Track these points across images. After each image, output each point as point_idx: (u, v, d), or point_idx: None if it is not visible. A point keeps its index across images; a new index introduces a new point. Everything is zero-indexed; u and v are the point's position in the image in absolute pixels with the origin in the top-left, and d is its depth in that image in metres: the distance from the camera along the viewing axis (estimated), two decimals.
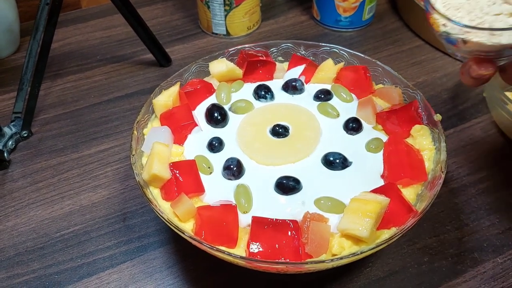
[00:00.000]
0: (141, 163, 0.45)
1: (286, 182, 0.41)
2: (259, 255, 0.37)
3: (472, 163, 0.56)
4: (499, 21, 0.37)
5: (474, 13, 0.37)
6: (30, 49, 0.60)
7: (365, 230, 0.36)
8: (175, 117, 0.47)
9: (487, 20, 0.37)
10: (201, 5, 0.75)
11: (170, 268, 0.47)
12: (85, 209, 0.53)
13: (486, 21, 0.37)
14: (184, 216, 0.40)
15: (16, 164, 0.59)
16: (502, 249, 0.48)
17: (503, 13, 0.37)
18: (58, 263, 0.48)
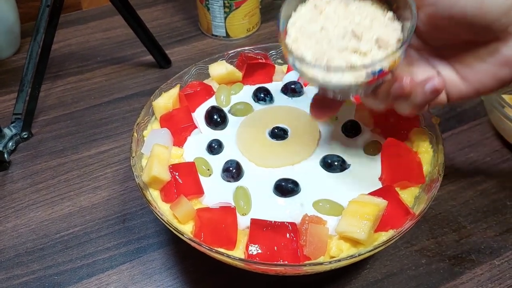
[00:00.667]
0: (141, 165, 0.45)
1: (284, 184, 0.42)
2: (257, 257, 0.37)
3: (470, 166, 0.56)
4: (340, 58, 0.35)
5: (321, 44, 0.36)
6: (31, 50, 0.61)
7: (363, 233, 0.37)
8: (175, 119, 0.47)
9: (328, 55, 0.35)
10: (201, 7, 0.76)
11: (170, 269, 0.48)
12: (85, 211, 0.53)
13: (327, 57, 0.35)
14: (183, 218, 0.40)
15: (16, 165, 0.59)
16: (500, 252, 0.48)
17: (348, 48, 0.35)
18: (57, 264, 0.49)
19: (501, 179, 0.55)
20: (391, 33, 0.36)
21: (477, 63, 0.36)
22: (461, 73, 0.37)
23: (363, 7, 0.37)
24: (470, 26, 0.34)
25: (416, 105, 0.37)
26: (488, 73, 0.36)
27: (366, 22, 0.36)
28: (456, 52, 0.37)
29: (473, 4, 0.33)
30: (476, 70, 0.36)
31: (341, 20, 0.37)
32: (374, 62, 0.34)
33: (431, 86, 0.35)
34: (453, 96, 0.38)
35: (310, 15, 0.38)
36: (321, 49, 0.36)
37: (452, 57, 0.37)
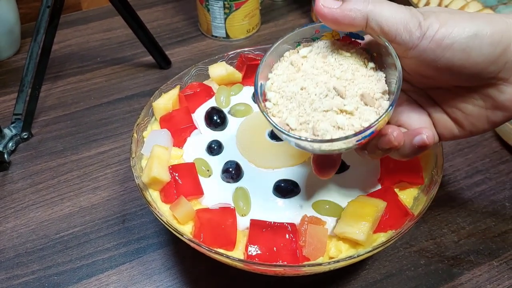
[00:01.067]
0: (140, 166, 0.45)
1: (284, 185, 0.42)
2: (257, 257, 0.37)
3: (469, 167, 0.57)
4: (326, 120, 0.33)
5: (304, 106, 0.34)
6: (31, 51, 0.61)
7: (362, 234, 0.37)
8: (174, 120, 0.48)
9: (313, 118, 0.33)
10: (201, 7, 0.76)
11: (169, 270, 0.48)
12: (85, 211, 0.54)
13: (312, 120, 0.33)
14: (183, 218, 0.40)
15: (16, 166, 0.59)
16: (498, 252, 0.48)
17: (333, 108, 0.33)
18: (57, 265, 0.49)
19: (500, 180, 0.55)
20: (376, 85, 0.34)
21: (469, 107, 0.35)
22: (452, 115, 0.36)
23: (342, 58, 0.35)
24: (458, 75, 0.33)
25: (404, 155, 0.35)
26: (480, 117, 0.35)
27: (347, 75, 0.34)
28: (445, 95, 0.36)
29: (460, 56, 0.31)
30: (467, 114, 0.35)
31: (321, 75, 0.35)
32: (365, 129, 0.32)
33: (420, 140, 0.34)
34: (445, 137, 0.37)
35: (287, 74, 0.36)
36: (304, 112, 0.34)
37: (441, 100, 0.36)
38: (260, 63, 0.36)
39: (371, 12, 0.31)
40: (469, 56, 0.31)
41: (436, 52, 0.31)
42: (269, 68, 0.37)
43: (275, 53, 0.37)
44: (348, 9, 0.31)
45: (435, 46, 0.31)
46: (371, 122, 0.32)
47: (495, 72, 0.32)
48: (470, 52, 0.31)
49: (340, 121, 0.33)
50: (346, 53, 0.35)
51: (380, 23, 0.31)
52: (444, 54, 0.31)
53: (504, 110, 0.34)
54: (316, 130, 0.33)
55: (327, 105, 0.33)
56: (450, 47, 0.31)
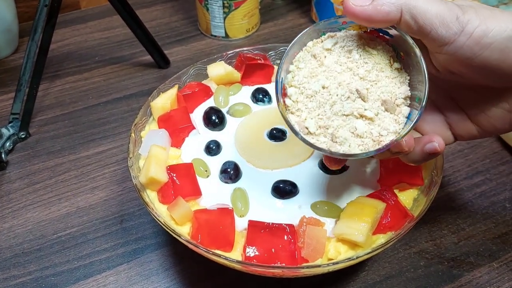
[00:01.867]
0: (138, 166, 0.45)
1: (283, 186, 0.41)
2: (255, 259, 0.37)
3: (469, 168, 0.56)
4: (346, 125, 0.33)
5: (324, 108, 0.34)
6: (29, 50, 0.60)
7: (361, 235, 0.36)
8: (173, 120, 0.47)
9: (333, 123, 0.33)
10: (200, 7, 0.76)
11: (167, 270, 0.48)
12: (82, 211, 0.53)
13: (332, 125, 0.33)
14: (180, 219, 0.40)
15: (13, 165, 0.59)
16: (498, 254, 0.48)
17: (353, 112, 0.33)
18: (54, 265, 0.48)
19: (500, 181, 0.55)
20: (399, 88, 0.34)
21: (492, 109, 0.34)
22: (473, 117, 0.35)
23: (367, 55, 0.34)
24: (491, 76, 0.32)
25: (414, 161, 0.35)
26: (503, 119, 0.34)
27: (371, 75, 0.33)
28: (469, 96, 0.35)
29: (497, 56, 0.30)
30: (489, 116, 0.34)
31: (344, 73, 0.34)
32: (385, 147, 0.33)
33: (432, 148, 0.34)
34: (463, 137, 0.36)
35: (309, 69, 0.35)
36: (324, 115, 0.33)
37: (464, 101, 0.35)
38: (283, 56, 0.35)
39: (405, 4, 0.30)
40: (508, 57, 0.30)
41: (474, 50, 0.30)
42: (291, 59, 0.36)
43: (298, 45, 0.35)
44: (381, 4, 0.30)
45: (473, 43, 0.30)
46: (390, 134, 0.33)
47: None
48: (509, 53, 0.30)
49: (359, 127, 0.33)
50: (372, 50, 0.34)
51: (415, 16, 0.30)
52: (481, 53, 0.30)
53: None
54: (335, 137, 0.33)
55: (348, 108, 0.33)
56: (488, 46, 0.30)
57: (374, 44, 0.35)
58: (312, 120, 0.34)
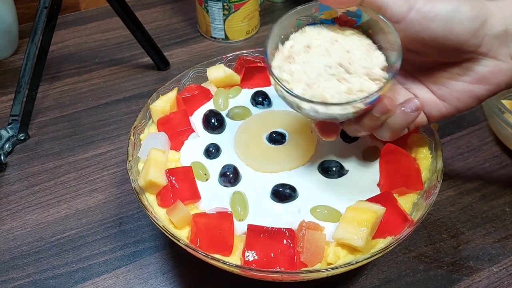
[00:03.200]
0: (137, 169, 0.45)
1: (282, 190, 0.41)
2: (254, 263, 0.37)
3: (468, 171, 0.56)
4: (332, 87, 0.36)
5: (309, 76, 0.37)
6: (28, 52, 0.60)
7: (361, 240, 0.36)
8: (172, 122, 0.47)
9: (319, 88, 0.36)
10: (200, 9, 0.76)
11: (165, 274, 0.47)
12: (81, 213, 0.53)
13: (318, 88, 0.36)
14: (179, 223, 0.40)
15: (12, 167, 0.59)
16: (498, 258, 0.48)
17: (338, 79, 0.36)
18: (53, 268, 0.48)
19: (500, 185, 0.54)
20: (377, 60, 0.37)
21: (453, 83, 0.37)
22: (438, 93, 0.38)
23: (344, 37, 0.38)
24: (441, 49, 0.35)
25: (396, 128, 0.38)
26: (465, 91, 0.37)
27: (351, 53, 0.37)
28: (431, 73, 0.38)
29: (443, 28, 0.34)
30: (452, 90, 0.37)
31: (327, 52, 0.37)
32: (373, 92, 0.35)
33: (413, 105, 0.37)
34: (433, 116, 0.39)
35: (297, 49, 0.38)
36: (310, 82, 0.36)
37: (427, 79, 0.39)
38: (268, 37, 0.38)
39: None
40: (452, 28, 0.34)
41: (423, 23, 0.34)
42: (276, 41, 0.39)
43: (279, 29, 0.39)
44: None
45: (421, 18, 0.34)
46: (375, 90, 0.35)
47: (476, 46, 0.35)
48: (452, 24, 0.34)
49: (345, 89, 0.36)
50: (347, 31, 0.38)
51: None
52: (429, 26, 0.34)
53: (487, 83, 0.37)
54: (323, 97, 0.36)
55: (334, 78, 0.36)
56: (434, 19, 0.34)
57: (348, 28, 0.39)
58: (304, 79, 0.37)
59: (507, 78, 0.37)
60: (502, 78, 0.37)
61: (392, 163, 0.43)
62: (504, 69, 0.36)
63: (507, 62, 0.36)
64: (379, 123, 0.38)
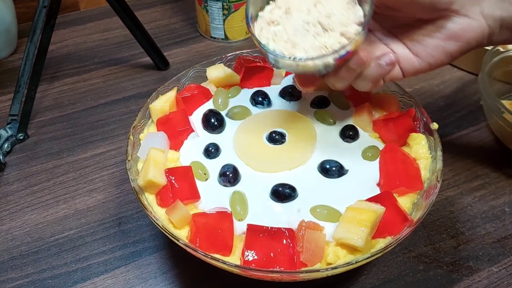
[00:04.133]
0: (136, 169, 0.45)
1: (282, 189, 0.41)
2: (253, 263, 0.37)
3: (468, 171, 0.56)
4: (304, 43, 0.38)
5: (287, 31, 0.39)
6: (27, 52, 0.60)
7: (360, 240, 0.36)
8: (171, 122, 0.47)
9: (296, 41, 0.38)
10: (199, 9, 0.75)
11: (165, 274, 0.47)
12: (80, 213, 0.53)
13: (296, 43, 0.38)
14: (179, 223, 0.40)
15: (11, 167, 0.58)
16: (498, 258, 0.48)
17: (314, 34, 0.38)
18: (52, 268, 0.48)
19: (500, 185, 0.54)
20: (352, 16, 0.39)
21: (427, 39, 0.40)
22: (413, 49, 0.40)
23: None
24: (417, 5, 0.38)
25: (373, 79, 0.40)
26: (437, 47, 0.39)
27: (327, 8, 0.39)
28: (407, 30, 0.40)
29: None
30: (426, 46, 0.40)
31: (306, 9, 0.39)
32: (343, 46, 0.37)
33: (388, 58, 0.40)
34: (408, 71, 0.41)
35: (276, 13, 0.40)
36: (288, 37, 0.39)
37: (404, 35, 0.41)
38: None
39: None
40: None
41: None
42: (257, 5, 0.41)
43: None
44: None
45: None
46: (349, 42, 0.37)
47: (448, 3, 0.37)
48: None
49: (319, 44, 0.38)
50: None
51: None
52: None
53: (458, 40, 0.39)
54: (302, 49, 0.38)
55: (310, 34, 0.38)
56: None
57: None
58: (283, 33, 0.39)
59: (477, 35, 0.39)
60: (472, 35, 0.39)
61: (392, 163, 0.43)
62: (475, 27, 0.38)
63: (477, 20, 0.38)
64: (356, 75, 0.40)
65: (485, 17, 0.38)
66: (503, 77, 0.60)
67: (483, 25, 0.38)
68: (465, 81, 0.69)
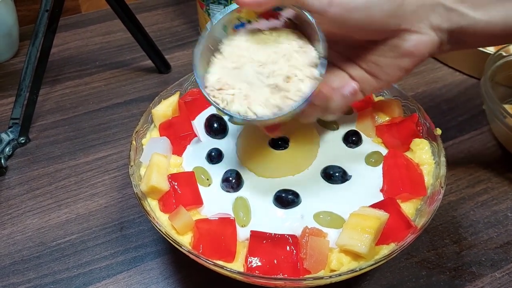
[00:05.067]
0: (139, 174, 0.44)
1: (285, 195, 0.41)
2: (257, 270, 0.37)
3: (471, 176, 0.56)
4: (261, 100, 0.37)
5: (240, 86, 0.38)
6: (29, 55, 0.60)
7: (364, 246, 0.36)
8: (174, 127, 0.47)
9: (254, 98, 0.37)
10: (201, 12, 0.75)
11: (167, 279, 0.47)
12: (82, 218, 0.53)
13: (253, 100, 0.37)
14: (182, 229, 0.40)
15: (13, 171, 0.58)
16: (500, 264, 0.48)
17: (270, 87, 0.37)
18: (54, 273, 0.48)
19: (503, 190, 0.54)
20: (307, 58, 0.38)
21: (381, 59, 0.40)
22: (369, 71, 0.41)
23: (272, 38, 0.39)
24: (365, 33, 0.38)
25: (339, 109, 0.41)
26: (392, 66, 0.40)
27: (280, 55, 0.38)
28: (361, 52, 0.41)
29: (364, 17, 0.36)
30: (381, 66, 0.40)
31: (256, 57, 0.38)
32: (304, 99, 0.36)
33: (351, 88, 0.40)
34: (367, 91, 0.42)
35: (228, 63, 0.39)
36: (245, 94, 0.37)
37: (358, 58, 0.41)
38: (194, 56, 0.38)
39: None
40: (372, 15, 0.36)
41: (344, 15, 0.36)
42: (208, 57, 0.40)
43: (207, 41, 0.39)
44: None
45: (342, 10, 0.36)
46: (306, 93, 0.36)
47: (397, 25, 0.38)
48: (371, 12, 0.36)
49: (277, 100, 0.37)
50: (274, 34, 0.39)
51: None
52: (351, 16, 0.36)
53: (411, 55, 0.39)
54: (255, 112, 0.37)
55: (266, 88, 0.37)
56: (354, 10, 0.36)
57: (275, 26, 0.40)
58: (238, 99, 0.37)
59: (430, 48, 0.39)
60: (425, 49, 0.39)
61: (395, 168, 0.43)
62: (426, 41, 0.39)
63: (427, 34, 0.39)
64: (322, 110, 0.40)
65: (435, 30, 0.39)
66: (505, 82, 0.60)
67: (434, 38, 0.39)
68: (468, 85, 0.69)
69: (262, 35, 0.39)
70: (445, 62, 0.72)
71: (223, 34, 0.40)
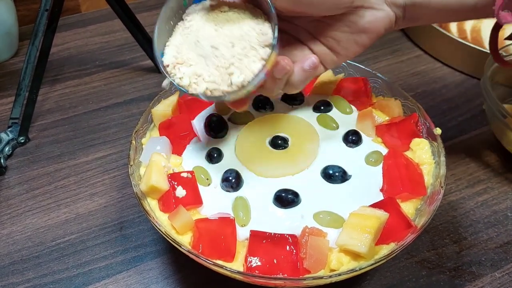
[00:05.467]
0: (139, 174, 0.44)
1: (285, 195, 0.41)
2: (257, 269, 0.37)
3: (470, 176, 0.56)
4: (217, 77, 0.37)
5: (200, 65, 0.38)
6: (29, 55, 0.60)
7: (364, 246, 0.36)
8: (174, 127, 0.47)
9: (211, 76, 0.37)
10: None
11: (167, 279, 0.47)
12: (82, 218, 0.53)
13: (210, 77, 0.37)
14: (181, 228, 0.39)
15: (12, 171, 0.58)
16: (500, 264, 0.48)
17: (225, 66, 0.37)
18: (53, 273, 0.48)
19: (502, 190, 0.54)
20: (262, 36, 0.38)
21: (338, 35, 0.41)
22: (328, 45, 0.42)
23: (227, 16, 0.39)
24: (319, 8, 0.39)
25: (300, 83, 0.41)
26: (349, 41, 0.41)
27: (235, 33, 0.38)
28: (320, 29, 0.42)
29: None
30: (339, 41, 0.41)
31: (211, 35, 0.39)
32: (258, 76, 0.36)
33: (311, 62, 0.40)
34: (329, 65, 0.43)
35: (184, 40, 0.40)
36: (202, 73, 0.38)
37: (317, 33, 0.42)
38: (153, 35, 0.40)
39: None
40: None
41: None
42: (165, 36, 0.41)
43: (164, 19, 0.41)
44: None
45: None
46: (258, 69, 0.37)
47: (350, 2, 0.38)
48: None
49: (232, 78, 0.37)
50: (230, 12, 0.39)
51: None
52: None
53: (367, 31, 0.40)
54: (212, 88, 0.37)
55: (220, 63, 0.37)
56: None
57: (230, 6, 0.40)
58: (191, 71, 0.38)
59: (385, 24, 0.40)
60: (381, 25, 0.40)
61: (395, 168, 0.42)
62: (381, 17, 0.40)
63: (383, 10, 0.40)
64: (283, 83, 0.41)
65: (390, 5, 0.40)
66: (505, 82, 0.60)
67: (389, 13, 0.40)
68: (468, 85, 0.69)
69: (219, 13, 0.39)
70: (445, 62, 0.72)
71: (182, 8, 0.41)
